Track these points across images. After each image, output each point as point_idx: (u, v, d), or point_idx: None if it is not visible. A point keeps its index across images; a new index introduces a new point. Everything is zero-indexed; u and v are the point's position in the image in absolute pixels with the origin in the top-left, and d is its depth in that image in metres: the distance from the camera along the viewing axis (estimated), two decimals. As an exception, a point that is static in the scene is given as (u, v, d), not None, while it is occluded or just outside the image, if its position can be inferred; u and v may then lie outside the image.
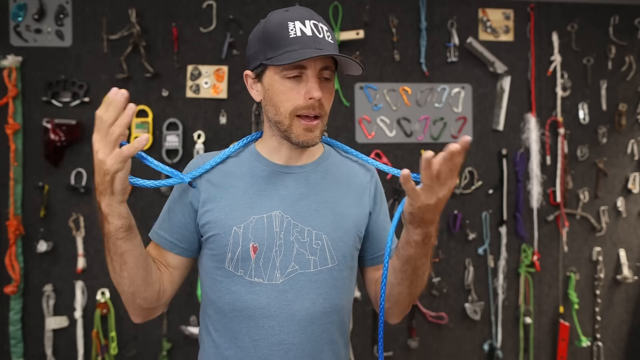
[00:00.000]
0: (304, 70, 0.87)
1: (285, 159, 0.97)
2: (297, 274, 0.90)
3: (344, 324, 0.99)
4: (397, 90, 2.10)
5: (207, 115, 2.01)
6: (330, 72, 0.91)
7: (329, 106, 0.93)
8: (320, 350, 0.92)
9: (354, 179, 1.01)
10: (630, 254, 2.27)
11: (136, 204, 1.96)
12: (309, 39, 0.86)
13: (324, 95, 0.89)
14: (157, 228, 0.98)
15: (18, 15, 1.90)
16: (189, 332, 1.94)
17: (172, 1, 1.99)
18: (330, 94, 0.93)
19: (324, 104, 0.90)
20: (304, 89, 0.87)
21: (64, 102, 1.93)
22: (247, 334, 0.90)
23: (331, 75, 0.92)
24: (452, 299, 2.14)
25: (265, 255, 0.90)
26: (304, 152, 0.98)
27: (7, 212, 1.88)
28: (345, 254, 0.95)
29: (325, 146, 1.05)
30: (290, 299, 0.90)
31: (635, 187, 2.26)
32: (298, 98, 0.88)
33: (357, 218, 0.97)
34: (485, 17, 2.16)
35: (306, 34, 0.86)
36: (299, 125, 0.89)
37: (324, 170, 0.99)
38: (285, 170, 0.96)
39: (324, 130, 0.95)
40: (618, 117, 2.24)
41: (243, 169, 0.97)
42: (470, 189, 2.15)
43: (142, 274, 0.87)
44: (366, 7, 2.08)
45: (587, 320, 2.24)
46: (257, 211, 0.92)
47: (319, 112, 0.89)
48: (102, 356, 1.91)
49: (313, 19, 0.89)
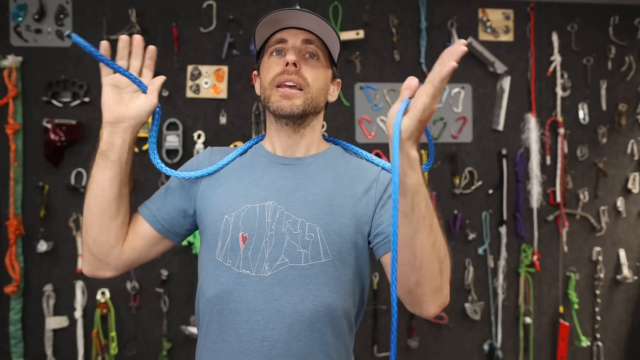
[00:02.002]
0: (285, 44, 0.92)
1: (285, 148, 0.96)
2: (286, 267, 0.86)
3: (341, 326, 0.90)
4: (397, 90, 2.10)
5: (207, 115, 2.01)
6: (316, 48, 0.93)
7: (316, 82, 0.93)
8: (309, 352, 0.86)
9: (359, 172, 0.95)
10: (630, 254, 2.27)
11: (136, 204, 1.95)
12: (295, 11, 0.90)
13: (306, 68, 0.91)
14: (148, 202, 0.99)
15: (18, 16, 1.91)
16: (189, 332, 1.94)
17: (172, 1, 1.99)
18: (314, 69, 0.93)
19: (305, 76, 0.91)
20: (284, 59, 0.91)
21: (64, 102, 1.93)
22: (233, 327, 0.87)
23: (318, 53, 0.94)
24: (452, 299, 2.12)
25: (255, 246, 0.87)
26: (304, 140, 0.96)
27: (7, 212, 1.88)
28: (342, 249, 0.88)
29: (332, 145, 1.03)
30: (277, 293, 0.85)
31: (635, 187, 2.26)
32: (277, 68, 0.91)
33: (358, 211, 0.90)
34: (485, 17, 2.16)
35: (291, 10, 0.90)
36: (276, 94, 0.90)
37: (324, 162, 0.96)
38: (284, 161, 0.95)
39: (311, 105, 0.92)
40: (618, 117, 2.24)
41: (244, 160, 0.98)
42: (470, 189, 2.15)
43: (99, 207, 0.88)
44: (366, 7, 2.08)
45: (587, 320, 2.24)
46: (250, 200, 0.90)
47: (297, 80, 0.90)
48: (102, 356, 1.91)
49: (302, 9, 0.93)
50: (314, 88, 0.92)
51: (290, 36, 0.92)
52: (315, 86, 0.92)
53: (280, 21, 0.93)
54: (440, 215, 2.13)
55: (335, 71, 1.01)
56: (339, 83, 1.03)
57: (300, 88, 0.90)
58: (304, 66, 0.91)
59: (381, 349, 2.08)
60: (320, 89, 0.94)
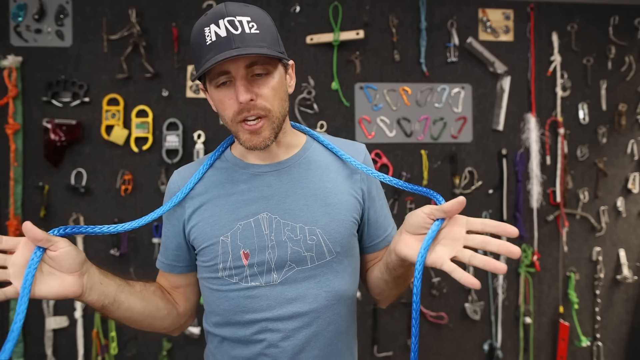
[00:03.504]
0: (230, 75, 0.82)
1: (262, 157, 0.93)
2: (294, 271, 0.88)
3: (351, 311, 0.96)
4: (397, 90, 2.10)
5: (207, 115, 2.01)
6: (262, 66, 0.82)
7: (275, 101, 0.85)
8: (329, 343, 0.90)
9: (341, 163, 0.96)
10: (630, 254, 2.27)
11: (136, 204, 1.96)
12: (223, 40, 0.79)
13: (260, 93, 0.83)
14: (159, 255, 1.00)
15: (18, 15, 1.91)
16: (189, 332, 1.94)
17: (172, 1, 1.99)
18: (269, 89, 0.84)
19: (264, 102, 0.83)
20: (235, 94, 0.82)
21: (64, 102, 1.93)
22: (253, 334, 0.89)
23: (267, 69, 0.83)
24: (452, 299, 2.15)
25: (259, 259, 0.88)
26: (279, 147, 0.94)
27: (7, 212, 1.88)
28: (343, 244, 0.91)
29: (307, 137, 1.00)
30: (290, 297, 0.88)
31: (635, 187, 2.26)
32: (232, 104, 0.83)
33: (351, 205, 0.93)
34: (485, 17, 2.16)
35: (220, 36, 0.79)
36: (243, 131, 0.85)
37: (306, 161, 0.95)
38: (264, 169, 0.92)
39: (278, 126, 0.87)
40: (618, 117, 2.24)
41: (222, 177, 0.94)
42: (470, 189, 2.15)
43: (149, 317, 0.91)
44: (366, 7, 2.08)
45: (587, 320, 2.24)
46: (242, 217, 0.89)
47: (257, 112, 0.83)
48: (102, 356, 1.91)
49: (229, 15, 0.80)
50: (275, 109, 0.85)
51: (231, 65, 0.81)
52: (275, 106, 0.85)
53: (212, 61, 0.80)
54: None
55: (285, 57, 0.88)
56: (293, 65, 0.93)
57: (261, 116, 0.84)
58: (257, 90, 0.83)
59: (381, 349, 2.08)
60: (281, 103, 0.86)
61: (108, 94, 1.94)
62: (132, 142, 1.95)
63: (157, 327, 0.95)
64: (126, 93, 1.96)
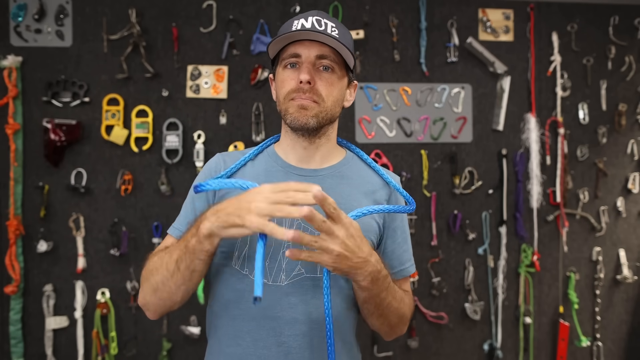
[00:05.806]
0: (299, 59, 0.92)
1: (299, 158, 0.98)
2: (302, 277, 0.89)
3: (351, 334, 0.97)
4: (397, 90, 2.10)
5: (207, 115, 2.01)
6: (331, 62, 0.93)
7: (331, 96, 0.93)
8: (322, 357, 0.89)
9: (371, 188, 1.00)
10: (630, 254, 2.27)
11: (136, 204, 1.96)
12: (307, 29, 0.90)
13: (320, 83, 0.92)
14: (177, 224, 0.99)
15: (18, 16, 1.91)
16: (189, 332, 1.94)
17: (172, 1, 1.99)
18: (329, 83, 0.93)
19: (320, 91, 0.92)
20: (298, 75, 0.92)
21: (64, 102, 1.93)
22: (248, 333, 0.89)
23: (332, 65, 0.93)
24: (452, 299, 2.15)
25: (272, 256, 0.89)
26: (319, 151, 0.98)
27: (7, 212, 1.88)
28: None
29: (347, 152, 1.05)
30: (293, 302, 0.88)
31: (635, 187, 2.26)
32: (292, 83, 0.92)
33: (371, 227, 0.95)
34: (485, 17, 2.16)
35: (305, 27, 0.91)
36: (293, 106, 0.92)
37: (340, 175, 0.99)
38: (301, 172, 0.97)
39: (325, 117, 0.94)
40: (618, 117, 2.24)
41: (259, 169, 0.98)
42: (470, 189, 2.15)
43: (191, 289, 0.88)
44: (366, 7, 2.08)
45: (587, 320, 2.24)
46: None
47: (311, 97, 0.91)
48: (102, 356, 1.91)
49: (318, 16, 0.93)
50: (329, 102, 0.93)
51: (304, 50, 0.92)
52: (329, 100, 0.93)
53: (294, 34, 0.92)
54: (440, 215, 2.13)
55: (352, 76, 1.01)
56: (356, 85, 1.05)
57: (317, 102, 0.92)
58: (318, 81, 0.92)
59: (381, 349, 2.08)
60: (335, 101, 0.95)
61: (108, 94, 1.94)
62: (132, 142, 1.95)
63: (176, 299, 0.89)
64: (126, 93, 1.96)
